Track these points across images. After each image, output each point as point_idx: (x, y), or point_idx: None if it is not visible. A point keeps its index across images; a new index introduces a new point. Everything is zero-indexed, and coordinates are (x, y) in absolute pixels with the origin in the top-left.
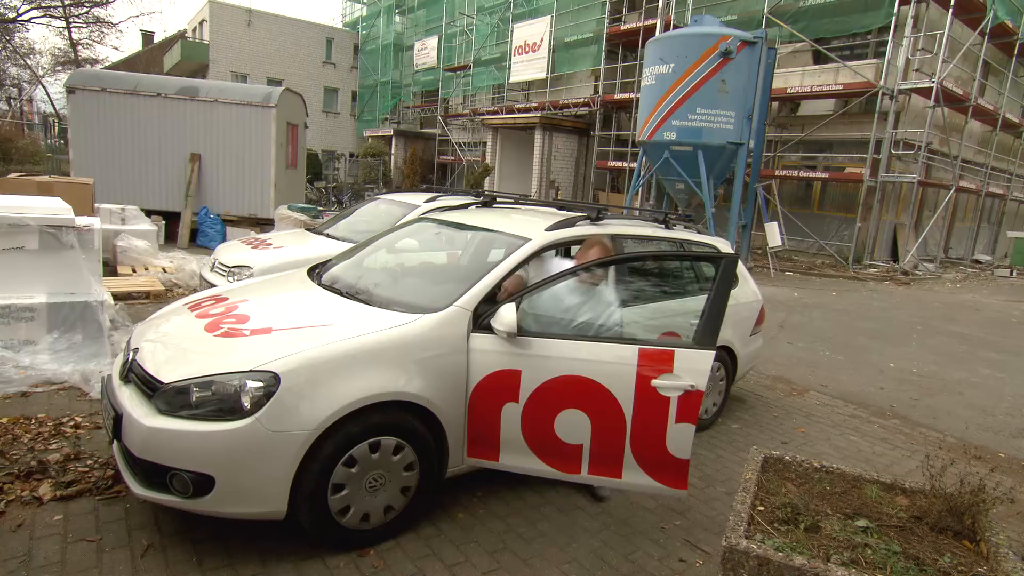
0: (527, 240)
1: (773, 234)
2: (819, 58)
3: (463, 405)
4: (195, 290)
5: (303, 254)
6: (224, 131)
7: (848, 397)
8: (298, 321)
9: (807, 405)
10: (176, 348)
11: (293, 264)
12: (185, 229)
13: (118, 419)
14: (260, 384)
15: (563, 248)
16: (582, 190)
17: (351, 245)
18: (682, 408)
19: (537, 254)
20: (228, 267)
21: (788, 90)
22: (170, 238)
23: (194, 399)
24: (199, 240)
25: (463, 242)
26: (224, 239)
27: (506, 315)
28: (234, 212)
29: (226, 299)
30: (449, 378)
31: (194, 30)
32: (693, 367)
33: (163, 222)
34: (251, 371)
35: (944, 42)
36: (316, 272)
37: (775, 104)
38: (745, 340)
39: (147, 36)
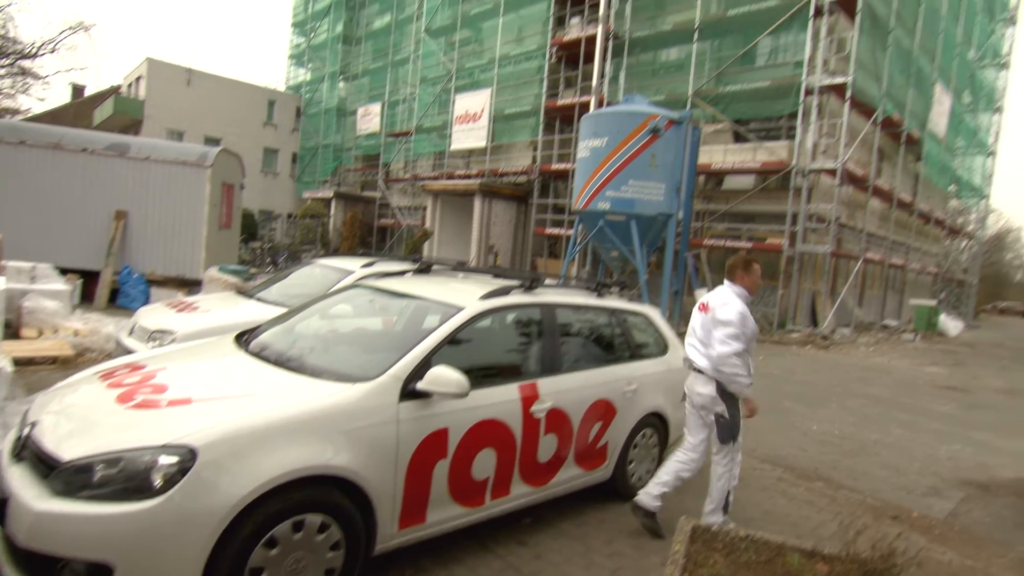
0: (460, 308)
1: None
2: (739, 137)
3: (393, 477)
4: (110, 356)
5: (231, 319)
6: (155, 189)
7: (775, 460)
8: (221, 391)
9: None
10: (82, 421)
11: (220, 330)
12: (104, 289)
13: (2, 504)
14: (175, 459)
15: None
16: (520, 256)
17: (283, 310)
18: (548, 423)
19: (471, 322)
20: (149, 331)
21: (712, 165)
22: (87, 298)
23: (97, 478)
24: (120, 301)
25: (398, 309)
26: (147, 301)
27: (452, 374)
28: (160, 272)
29: (143, 367)
30: (379, 449)
31: (130, 86)
32: (550, 390)
33: (80, 281)
34: (165, 445)
35: (843, 130)
36: (244, 339)
37: (701, 178)
38: (676, 405)
39: (78, 89)
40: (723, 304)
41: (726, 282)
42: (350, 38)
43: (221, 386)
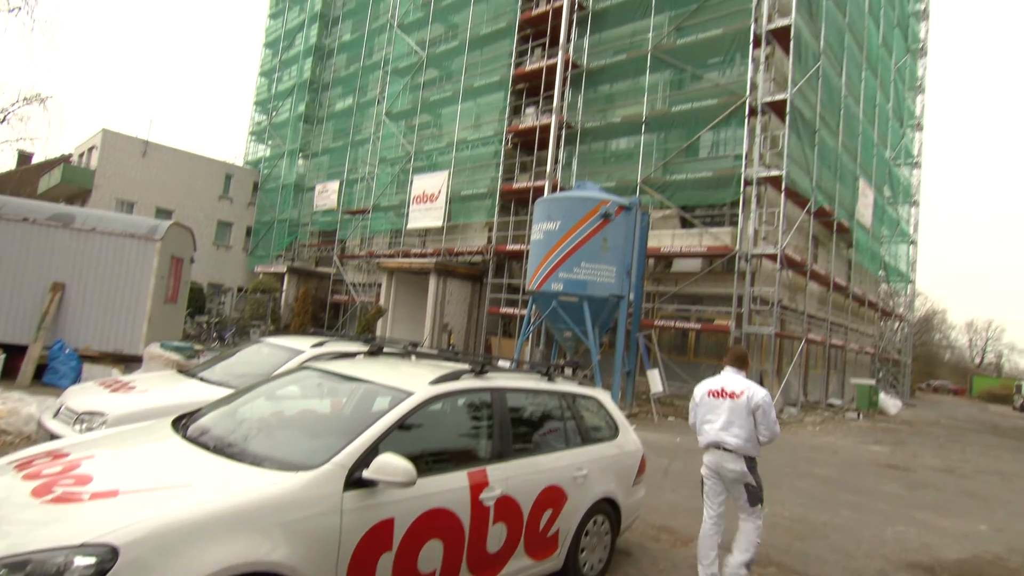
0: (410, 394)
1: (655, 380)
2: (686, 223)
3: (334, 572)
4: (30, 440)
5: (170, 400)
6: (99, 262)
7: (729, 545)
8: (152, 482)
9: (692, 555)
10: None
11: (157, 412)
12: (30, 364)
13: None
14: (92, 561)
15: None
16: (475, 335)
17: (227, 391)
18: (498, 512)
19: (420, 407)
20: (77, 413)
21: (661, 249)
22: (10, 375)
23: None
24: (47, 378)
25: (346, 393)
26: (78, 378)
27: (399, 462)
28: (97, 347)
29: (66, 455)
30: (320, 542)
31: (81, 156)
32: (500, 477)
33: (3, 356)
34: (82, 544)
35: (781, 218)
36: (183, 423)
37: (651, 261)
38: (628, 491)
39: (24, 156)
40: (753, 391)
41: (733, 369)
42: (311, 118)
43: (153, 476)
